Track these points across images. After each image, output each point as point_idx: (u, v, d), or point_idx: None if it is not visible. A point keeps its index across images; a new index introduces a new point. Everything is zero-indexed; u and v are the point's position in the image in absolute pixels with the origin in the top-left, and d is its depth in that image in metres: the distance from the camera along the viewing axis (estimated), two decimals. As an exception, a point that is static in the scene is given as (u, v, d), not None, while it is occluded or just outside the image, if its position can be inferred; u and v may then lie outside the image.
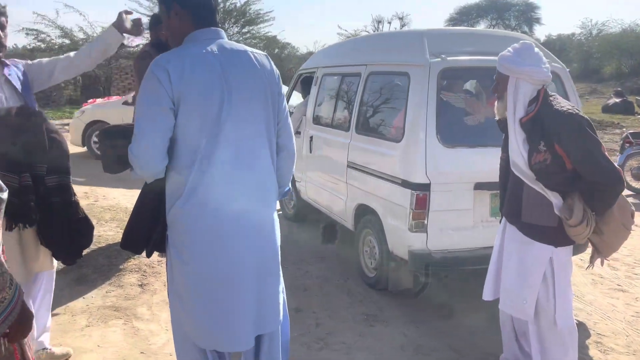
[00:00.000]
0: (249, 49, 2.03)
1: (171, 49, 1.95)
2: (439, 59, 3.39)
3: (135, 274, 3.91)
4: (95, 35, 19.49)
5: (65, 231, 2.49)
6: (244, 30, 26.20)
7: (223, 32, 2.01)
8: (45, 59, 2.78)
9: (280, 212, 5.80)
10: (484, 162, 3.20)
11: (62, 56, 2.81)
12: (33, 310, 1.69)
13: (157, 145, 1.85)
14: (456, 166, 3.31)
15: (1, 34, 2.45)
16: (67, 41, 19.83)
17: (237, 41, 26.52)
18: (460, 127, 3.43)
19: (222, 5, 23.90)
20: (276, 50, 29.84)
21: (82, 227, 2.58)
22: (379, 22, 30.56)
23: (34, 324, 1.97)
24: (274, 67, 2.09)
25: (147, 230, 2.05)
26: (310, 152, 4.83)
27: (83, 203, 5.74)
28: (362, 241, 4.00)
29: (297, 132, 5.17)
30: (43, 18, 18.68)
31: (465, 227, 3.38)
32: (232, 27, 25.35)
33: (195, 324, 1.99)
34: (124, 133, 2.01)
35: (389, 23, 30.33)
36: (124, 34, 2.76)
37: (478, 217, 3.40)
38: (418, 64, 3.44)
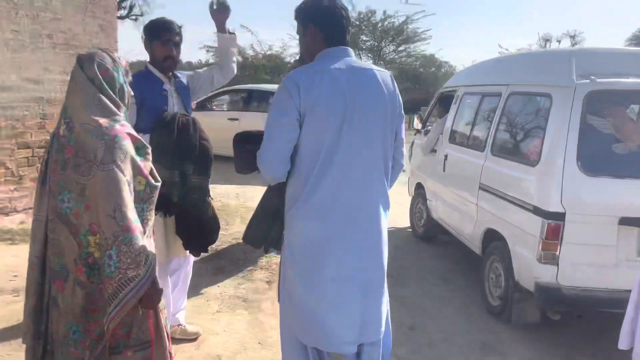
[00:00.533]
0: (374, 67, 2.13)
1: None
2: (587, 81, 3.13)
3: (265, 272, 4.24)
4: (262, 52, 21.34)
5: (197, 226, 2.81)
6: (400, 48, 26.48)
7: (351, 51, 2.14)
8: (201, 70, 3.17)
9: (410, 230, 5.78)
10: (634, 195, 2.88)
11: (213, 66, 3.17)
12: (162, 287, 1.95)
13: (282, 152, 2.02)
14: (598, 197, 3.02)
15: (175, 51, 2.88)
16: (239, 58, 21.99)
17: (392, 59, 27.00)
18: (606, 155, 3.12)
19: (380, 24, 24.53)
20: (432, 69, 29.57)
21: (211, 225, 2.89)
22: (546, 40, 28.61)
23: (166, 300, 2.27)
24: (396, 87, 2.16)
25: (266, 227, 2.26)
26: (444, 170, 4.76)
27: (232, 203, 6.38)
28: (488, 267, 3.83)
29: (433, 150, 5.14)
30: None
31: (606, 265, 3.06)
32: (388, 45, 25.82)
33: (300, 320, 2.11)
34: (254, 138, 2.22)
35: (558, 42, 28.24)
36: (230, 32, 3.02)
37: (622, 255, 3.05)
38: (562, 85, 3.23)
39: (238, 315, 3.49)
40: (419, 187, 5.56)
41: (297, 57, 4.43)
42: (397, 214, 6.13)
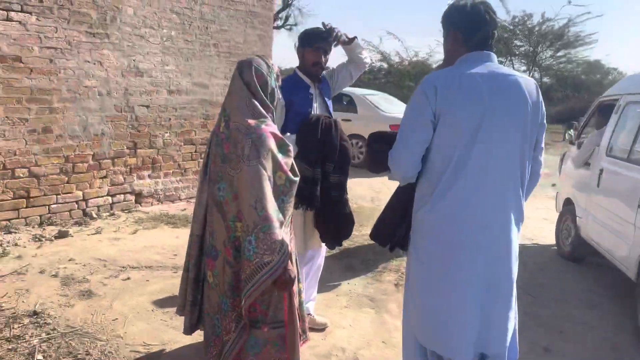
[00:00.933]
0: (518, 74, 2.06)
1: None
2: None
3: (394, 274, 4.28)
4: (407, 59, 21.33)
5: (333, 220, 2.98)
6: (559, 54, 24.48)
7: (494, 56, 2.09)
8: (336, 67, 3.31)
9: (555, 248, 5.37)
10: None
11: (347, 62, 3.27)
12: (295, 275, 2.12)
13: (413, 153, 2.04)
14: None
15: (324, 58, 3.08)
16: (384, 65, 22.25)
17: (549, 65, 25.09)
18: None
19: (537, 28, 22.95)
20: (597, 76, 26.87)
21: (347, 221, 3.04)
22: None
23: (299, 288, 2.44)
24: (541, 96, 2.07)
25: (393, 227, 2.31)
26: (598, 186, 4.35)
27: (367, 206, 6.53)
28: (644, 296, 3.43)
29: (587, 164, 4.73)
30: (368, 44, 21.48)
31: None
32: (545, 50, 24.03)
33: (420, 321, 2.12)
34: (387, 139, 2.28)
35: None
36: (350, 38, 3.13)
37: None
38: None
39: (364, 313, 3.59)
40: (568, 203, 5.15)
41: (441, 63, 4.41)
42: (541, 229, 5.76)
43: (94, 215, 5.36)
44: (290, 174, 2.20)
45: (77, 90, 5.15)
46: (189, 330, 2.39)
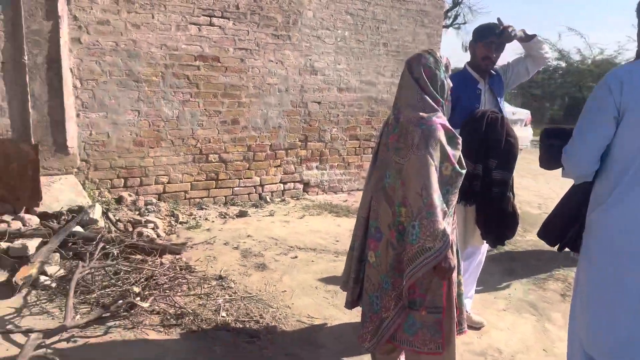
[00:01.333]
0: None
1: None
2: None
3: (560, 283, 4.03)
4: (590, 57, 19.30)
5: (495, 218, 2.92)
6: None
7: None
8: (511, 61, 3.24)
9: None
10: None
11: (524, 56, 3.19)
12: (454, 264, 2.17)
13: (592, 150, 1.95)
14: None
15: (495, 53, 3.04)
16: (562, 64, 20.41)
17: None
18: None
19: None
20: None
21: (509, 220, 2.95)
22: None
23: (458, 280, 2.48)
24: None
25: (564, 227, 2.22)
26: None
27: (534, 212, 6.19)
28: None
29: None
30: (545, 41, 19.88)
31: None
32: None
33: (588, 330, 2.02)
34: (562, 134, 2.19)
35: None
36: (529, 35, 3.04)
37: None
38: None
39: (524, 318, 3.46)
40: None
41: (631, 61, 4.00)
42: None
43: (268, 200, 5.96)
44: (457, 165, 2.25)
45: (261, 87, 5.76)
46: (350, 304, 2.59)
